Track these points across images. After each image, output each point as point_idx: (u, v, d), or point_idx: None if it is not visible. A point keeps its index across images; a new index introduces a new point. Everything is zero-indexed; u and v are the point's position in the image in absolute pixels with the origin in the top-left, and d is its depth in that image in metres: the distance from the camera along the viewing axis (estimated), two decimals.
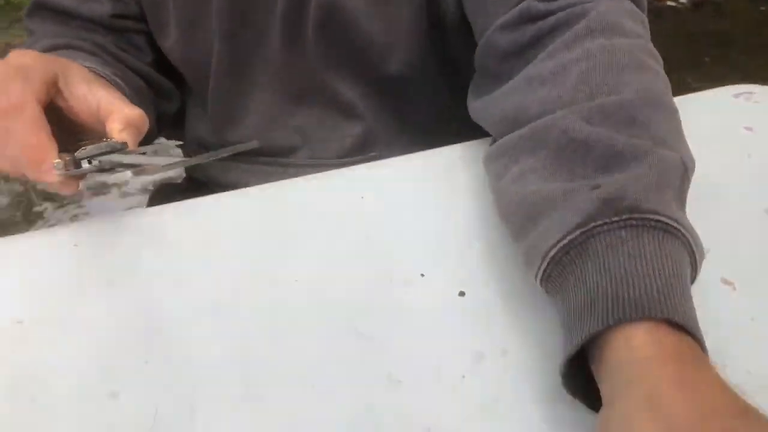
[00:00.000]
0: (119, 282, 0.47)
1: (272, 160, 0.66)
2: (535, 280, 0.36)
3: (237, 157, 0.60)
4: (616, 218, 0.32)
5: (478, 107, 0.50)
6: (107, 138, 0.43)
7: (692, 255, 0.34)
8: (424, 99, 0.63)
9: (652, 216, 0.32)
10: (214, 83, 0.64)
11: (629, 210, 0.32)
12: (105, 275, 0.47)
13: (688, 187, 0.37)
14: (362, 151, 0.64)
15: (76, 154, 0.42)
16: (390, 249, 0.48)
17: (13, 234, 0.54)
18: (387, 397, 0.38)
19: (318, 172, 0.55)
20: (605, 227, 0.32)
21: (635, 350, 0.29)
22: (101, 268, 0.48)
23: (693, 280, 0.35)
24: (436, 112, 0.64)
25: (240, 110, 0.65)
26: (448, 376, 0.39)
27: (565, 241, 0.33)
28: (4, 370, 0.42)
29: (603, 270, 0.31)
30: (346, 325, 0.42)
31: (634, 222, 0.32)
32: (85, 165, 0.42)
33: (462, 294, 0.44)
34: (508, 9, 0.46)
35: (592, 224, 0.32)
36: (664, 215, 0.32)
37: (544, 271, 0.35)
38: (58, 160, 0.41)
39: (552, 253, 0.34)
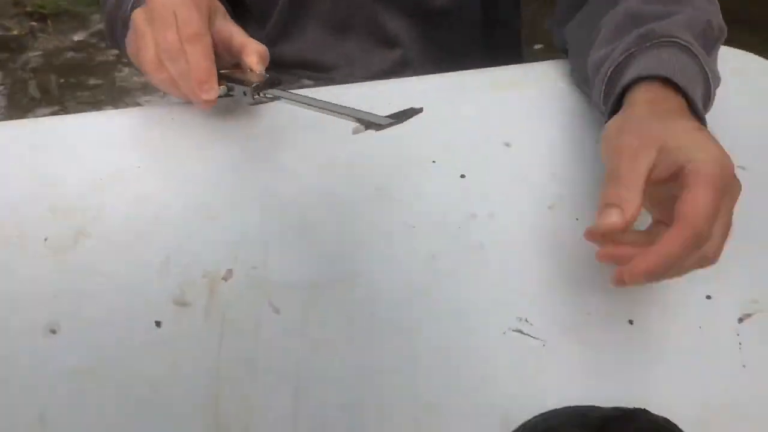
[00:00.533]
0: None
1: (315, 75, 0.73)
2: (604, 78, 0.50)
3: (283, 71, 0.70)
4: (647, 43, 0.48)
5: (571, 27, 0.63)
6: (249, 69, 0.53)
7: (702, 68, 0.48)
8: (461, 30, 0.72)
9: (670, 38, 0.48)
10: (280, 11, 0.71)
11: (656, 37, 0.48)
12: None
13: (711, 34, 0.52)
14: (399, 74, 0.70)
15: (253, 86, 0.51)
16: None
17: None
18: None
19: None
20: (639, 49, 0.49)
21: (645, 92, 0.45)
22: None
23: (710, 93, 0.49)
24: (471, 43, 0.73)
25: (296, 34, 0.72)
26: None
27: (620, 59, 0.49)
28: None
29: (637, 62, 0.48)
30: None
31: (656, 42, 0.48)
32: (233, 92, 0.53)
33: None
34: None
35: (633, 49, 0.49)
36: (680, 38, 0.48)
37: (608, 74, 0.49)
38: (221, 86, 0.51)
39: (610, 69, 0.49)
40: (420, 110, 0.46)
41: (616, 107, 0.47)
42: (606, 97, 0.49)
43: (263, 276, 0.47)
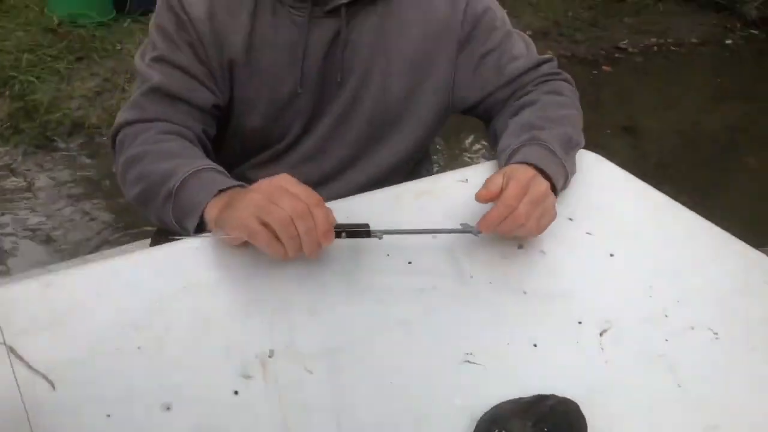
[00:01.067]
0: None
1: None
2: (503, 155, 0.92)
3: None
4: (531, 143, 0.90)
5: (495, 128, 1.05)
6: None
7: (562, 165, 0.90)
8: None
9: (544, 143, 0.89)
10: (276, 147, 1.03)
11: (536, 141, 0.90)
12: None
13: (570, 144, 0.94)
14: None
15: (365, 230, 0.77)
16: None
17: None
18: None
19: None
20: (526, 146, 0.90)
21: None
22: None
23: (566, 179, 0.92)
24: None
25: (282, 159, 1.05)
26: None
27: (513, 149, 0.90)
28: None
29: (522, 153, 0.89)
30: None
31: (536, 143, 0.89)
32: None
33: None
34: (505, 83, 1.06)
35: (523, 145, 0.89)
36: (549, 143, 0.89)
37: (509, 155, 0.90)
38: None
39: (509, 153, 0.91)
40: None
41: None
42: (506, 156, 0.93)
43: (295, 350, 0.70)
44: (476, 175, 0.96)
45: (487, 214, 0.78)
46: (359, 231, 0.77)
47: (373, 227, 0.77)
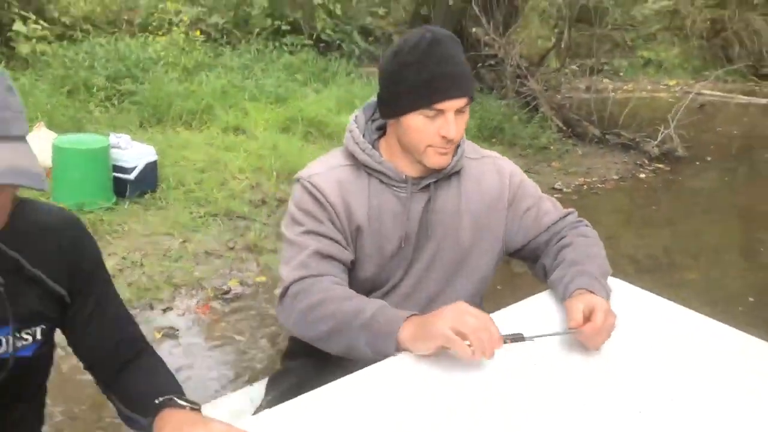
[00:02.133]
0: None
1: None
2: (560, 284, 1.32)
3: None
4: (582, 275, 1.29)
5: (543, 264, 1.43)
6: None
7: (605, 289, 1.29)
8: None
9: (591, 274, 1.29)
10: (382, 289, 1.36)
11: (585, 273, 1.30)
12: None
13: (605, 273, 1.36)
14: None
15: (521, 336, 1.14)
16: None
17: None
18: None
19: None
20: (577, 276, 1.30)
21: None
22: None
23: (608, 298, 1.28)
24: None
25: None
26: None
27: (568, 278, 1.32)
28: None
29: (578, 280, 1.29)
30: None
31: (584, 274, 1.30)
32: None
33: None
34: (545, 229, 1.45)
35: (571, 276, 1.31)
36: (595, 274, 1.31)
37: (566, 284, 1.29)
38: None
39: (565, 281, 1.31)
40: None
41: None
42: (564, 291, 1.27)
43: None
44: (548, 298, 1.35)
45: (591, 325, 1.16)
46: (518, 337, 1.12)
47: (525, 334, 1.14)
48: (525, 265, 1.53)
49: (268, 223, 3.64)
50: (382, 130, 1.40)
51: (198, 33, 6.40)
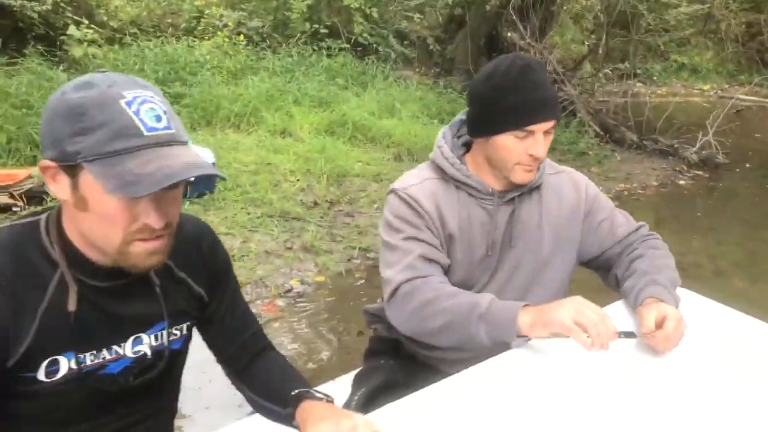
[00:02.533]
0: None
1: None
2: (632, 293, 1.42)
3: None
4: (653, 284, 1.39)
5: (615, 274, 1.52)
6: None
7: (675, 298, 1.39)
8: None
9: (662, 284, 1.39)
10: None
11: (657, 283, 1.40)
12: None
13: (675, 282, 1.44)
14: None
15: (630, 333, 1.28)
16: None
17: None
18: None
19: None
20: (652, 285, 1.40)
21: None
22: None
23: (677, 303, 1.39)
24: None
25: None
26: None
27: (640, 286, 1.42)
28: None
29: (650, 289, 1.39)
30: None
31: (655, 284, 1.40)
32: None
33: None
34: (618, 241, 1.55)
35: (643, 285, 1.41)
36: (664, 284, 1.40)
37: (637, 292, 1.40)
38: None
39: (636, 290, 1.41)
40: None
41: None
42: (636, 299, 1.37)
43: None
44: (622, 306, 1.46)
45: (662, 332, 1.26)
46: (631, 335, 1.25)
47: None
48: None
49: (322, 225, 3.78)
50: (466, 147, 1.51)
51: (241, 37, 6.58)
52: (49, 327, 0.95)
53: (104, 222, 0.91)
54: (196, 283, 1.12)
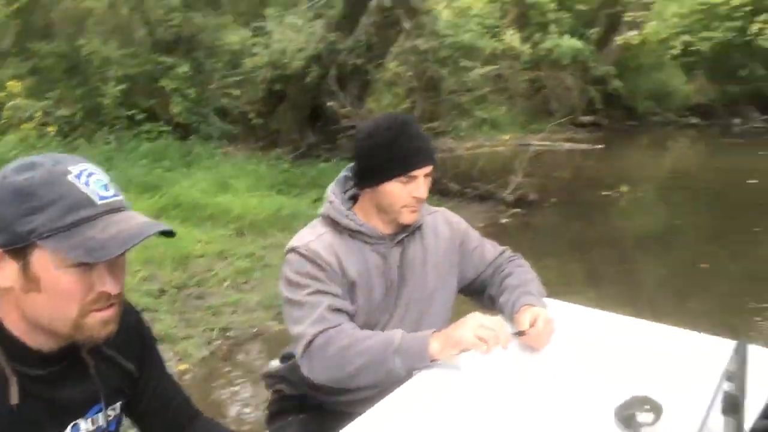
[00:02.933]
0: None
1: None
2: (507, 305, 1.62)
3: None
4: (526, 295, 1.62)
5: (490, 294, 1.74)
6: None
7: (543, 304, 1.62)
8: None
9: (533, 294, 1.64)
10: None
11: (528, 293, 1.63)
12: None
13: (541, 293, 1.69)
14: None
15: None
16: None
17: None
18: None
19: None
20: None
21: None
22: None
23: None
24: None
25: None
26: None
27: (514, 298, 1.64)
28: None
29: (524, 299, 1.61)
30: None
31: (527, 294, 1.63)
32: None
33: None
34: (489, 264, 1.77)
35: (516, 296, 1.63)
36: (535, 293, 1.65)
37: (513, 303, 1.61)
38: None
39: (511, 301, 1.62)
40: None
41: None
42: (511, 310, 1.58)
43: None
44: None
45: (534, 329, 1.49)
46: (520, 333, 1.47)
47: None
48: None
49: (173, 312, 3.65)
50: (353, 200, 1.66)
51: (51, 128, 6.23)
52: (1, 422, 0.90)
53: (59, 298, 0.92)
54: (127, 360, 1.12)
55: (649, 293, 4.37)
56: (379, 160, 1.54)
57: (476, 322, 1.41)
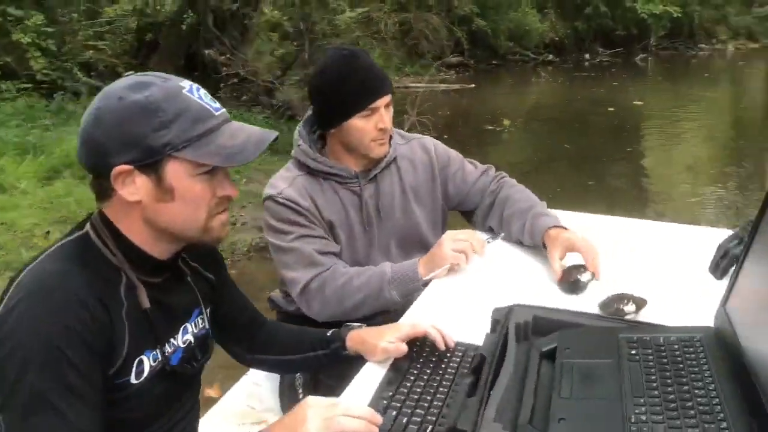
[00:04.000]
0: None
1: None
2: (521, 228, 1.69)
3: None
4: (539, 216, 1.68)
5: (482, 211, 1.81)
6: None
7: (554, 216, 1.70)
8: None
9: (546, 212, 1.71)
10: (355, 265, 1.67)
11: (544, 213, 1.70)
12: None
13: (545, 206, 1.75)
14: None
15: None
16: None
17: None
18: None
19: None
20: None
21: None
22: None
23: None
24: None
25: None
26: None
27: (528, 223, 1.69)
28: None
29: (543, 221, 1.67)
30: None
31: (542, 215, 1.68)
32: None
33: None
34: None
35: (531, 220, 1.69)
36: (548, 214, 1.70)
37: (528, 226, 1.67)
38: None
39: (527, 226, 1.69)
40: None
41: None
42: (532, 236, 1.64)
43: None
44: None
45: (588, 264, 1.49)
46: (493, 237, 1.69)
47: None
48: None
49: None
50: (322, 140, 1.69)
51: None
52: (135, 328, 1.01)
53: (192, 204, 1.01)
54: (206, 270, 1.22)
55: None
56: (336, 99, 1.56)
57: (450, 238, 1.55)
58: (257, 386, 1.82)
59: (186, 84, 1.00)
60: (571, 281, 1.45)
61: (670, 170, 6.66)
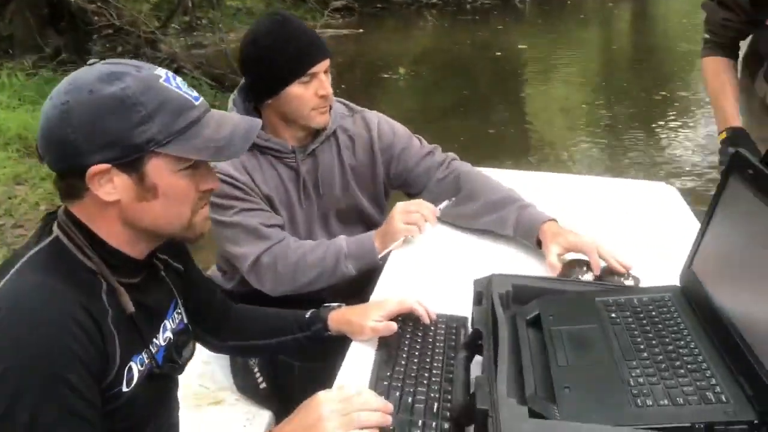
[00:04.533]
0: None
1: None
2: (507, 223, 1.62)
3: None
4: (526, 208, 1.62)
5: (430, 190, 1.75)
6: None
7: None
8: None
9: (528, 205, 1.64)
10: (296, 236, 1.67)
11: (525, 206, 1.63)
12: None
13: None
14: None
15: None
16: None
17: None
18: None
19: None
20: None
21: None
22: None
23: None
24: None
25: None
26: None
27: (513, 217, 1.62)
28: None
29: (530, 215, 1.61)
30: None
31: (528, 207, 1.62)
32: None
33: None
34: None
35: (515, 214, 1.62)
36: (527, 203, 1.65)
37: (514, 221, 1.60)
38: None
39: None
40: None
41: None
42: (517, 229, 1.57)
43: None
44: None
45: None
46: (448, 204, 1.72)
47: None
48: None
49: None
50: (257, 113, 1.61)
51: None
52: (123, 335, 0.97)
53: (175, 201, 0.97)
54: (174, 260, 1.19)
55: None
56: (272, 67, 1.51)
57: (401, 210, 1.56)
58: (207, 365, 1.80)
59: (162, 72, 0.94)
60: (570, 279, 1.39)
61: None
